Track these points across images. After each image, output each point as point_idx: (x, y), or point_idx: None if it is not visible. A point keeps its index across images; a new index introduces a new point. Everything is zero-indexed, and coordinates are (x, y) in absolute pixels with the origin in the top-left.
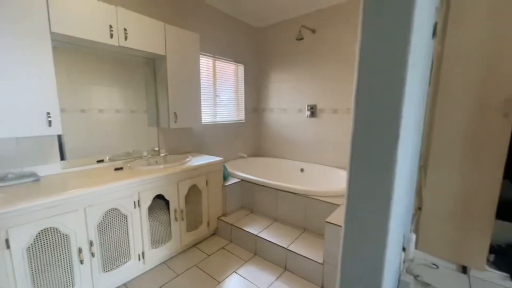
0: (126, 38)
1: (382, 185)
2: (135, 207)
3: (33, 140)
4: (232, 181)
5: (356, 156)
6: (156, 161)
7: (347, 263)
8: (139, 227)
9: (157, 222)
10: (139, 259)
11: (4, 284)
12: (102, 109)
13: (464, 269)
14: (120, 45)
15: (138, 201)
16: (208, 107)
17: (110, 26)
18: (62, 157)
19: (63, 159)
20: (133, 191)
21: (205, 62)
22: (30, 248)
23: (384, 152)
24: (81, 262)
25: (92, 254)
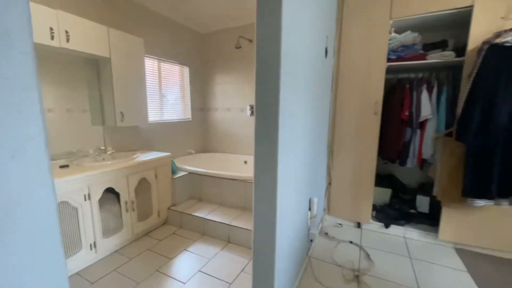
0: (68, 40)
1: (271, 162)
2: (86, 200)
3: None
4: (181, 174)
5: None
6: (103, 158)
7: (257, 213)
8: (90, 219)
9: (109, 214)
10: (91, 249)
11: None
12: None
13: (359, 225)
14: (62, 47)
15: (89, 194)
16: (155, 106)
17: (51, 28)
18: None
19: None
20: (83, 185)
21: (151, 64)
22: None
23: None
24: None
25: None
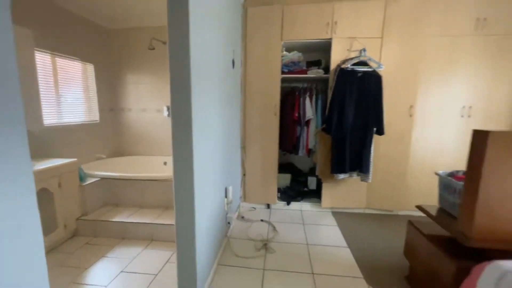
0: None
1: (188, 159)
2: None
3: None
4: (91, 181)
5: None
6: None
7: (178, 205)
8: None
9: None
10: None
11: None
12: None
13: (268, 206)
14: None
15: None
16: (51, 108)
17: None
18: None
19: None
20: None
21: (42, 59)
22: None
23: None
24: None
25: None
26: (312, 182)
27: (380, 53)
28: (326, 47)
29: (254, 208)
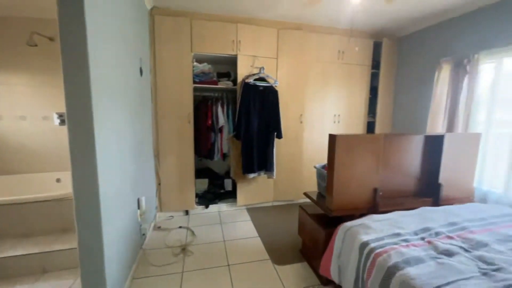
0: None
1: (91, 173)
2: None
3: None
4: None
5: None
6: None
7: (81, 226)
8: None
9: None
10: None
11: None
12: None
13: (187, 212)
14: None
15: None
16: None
17: None
18: None
19: None
20: None
21: None
22: None
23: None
24: None
25: None
26: (228, 184)
27: (277, 72)
28: (234, 61)
29: (172, 217)
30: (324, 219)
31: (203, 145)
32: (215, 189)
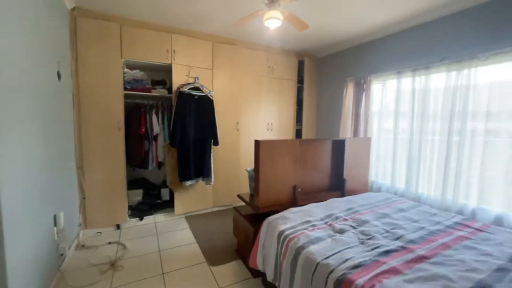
0: None
1: None
2: None
3: None
4: None
5: None
6: None
7: None
8: None
9: None
10: None
11: None
12: None
13: (118, 226)
14: None
15: None
16: None
17: None
18: None
19: None
20: None
21: None
22: None
23: None
24: None
25: None
26: (165, 193)
27: (212, 82)
28: (169, 70)
29: (100, 233)
30: (255, 217)
31: (136, 154)
32: (151, 200)
